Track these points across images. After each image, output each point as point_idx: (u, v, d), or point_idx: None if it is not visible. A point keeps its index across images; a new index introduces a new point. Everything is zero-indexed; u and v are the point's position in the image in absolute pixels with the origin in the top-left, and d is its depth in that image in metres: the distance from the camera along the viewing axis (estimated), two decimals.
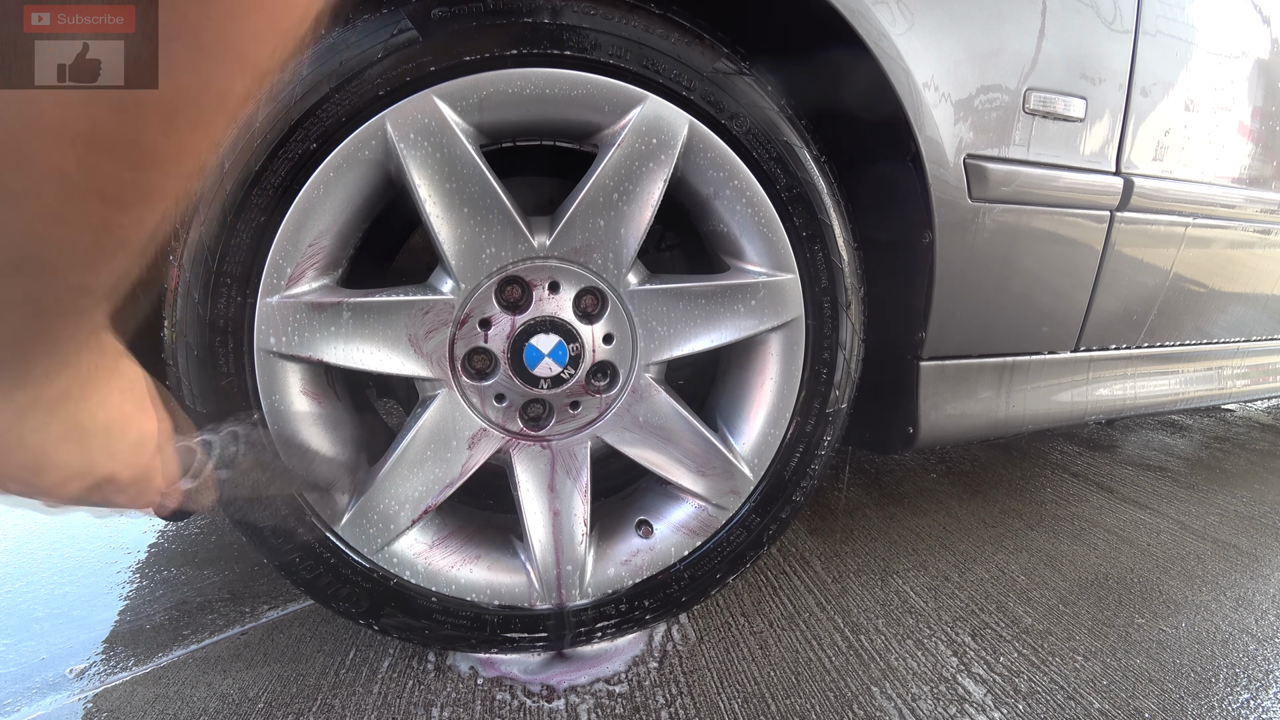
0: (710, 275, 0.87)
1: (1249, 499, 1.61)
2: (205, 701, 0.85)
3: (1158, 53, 1.05)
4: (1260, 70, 1.22)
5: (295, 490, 0.75)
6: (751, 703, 0.86)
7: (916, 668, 0.94)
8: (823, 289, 0.87)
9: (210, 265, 0.71)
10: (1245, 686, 0.93)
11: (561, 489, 0.86)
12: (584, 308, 0.82)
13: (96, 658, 0.94)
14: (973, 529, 1.38)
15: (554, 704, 0.85)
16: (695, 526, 0.92)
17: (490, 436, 0.82)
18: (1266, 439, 2.15)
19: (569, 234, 0.78)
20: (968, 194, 0.92)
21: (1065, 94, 0.96)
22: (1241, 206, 1.28)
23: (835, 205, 0.86)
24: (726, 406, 0.95)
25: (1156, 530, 1.41)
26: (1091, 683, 0.92)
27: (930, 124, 0.87)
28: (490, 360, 0.80)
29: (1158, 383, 1.35)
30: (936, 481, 1.64)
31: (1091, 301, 1.13)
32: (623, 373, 0.84)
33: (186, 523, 1.36)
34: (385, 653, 0.94)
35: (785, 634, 1.00)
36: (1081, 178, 1.02)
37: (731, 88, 0.79)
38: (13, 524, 1.35)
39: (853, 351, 0.91)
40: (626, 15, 0.74)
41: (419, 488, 0.81)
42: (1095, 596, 1.14)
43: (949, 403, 1.06)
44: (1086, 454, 1.88)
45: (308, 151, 0.70)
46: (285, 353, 0.74)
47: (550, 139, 0.84)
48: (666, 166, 0.78)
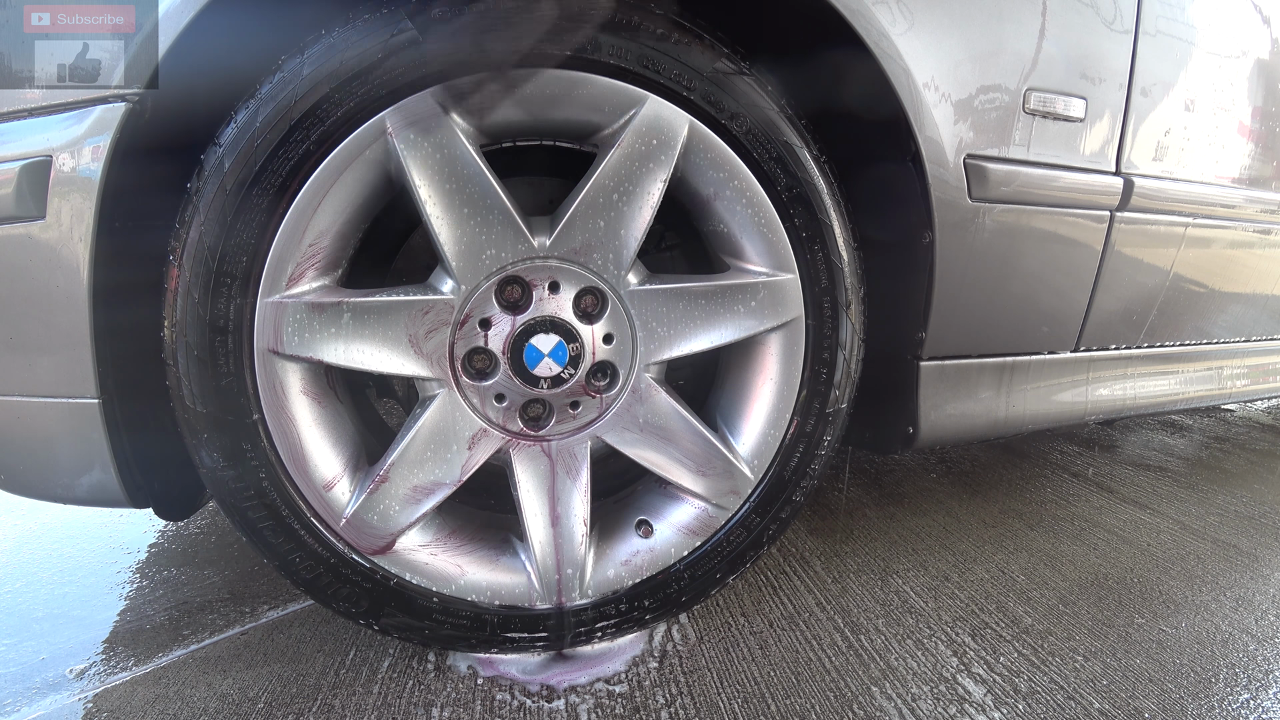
0: (710, 275, 0.87)
1: (1249, 499, 1.61)
2: (205, 701, 0.85)
3: (1158, 53, 1.05)
4: (1260, 70, 1.22)
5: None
6: (751, 703, 0.86)
7: (916, 668, 0.94)
8: (823, 289, 0.87)
9: (210, 265, 0.71)
10: (1245, 686, 0.93)
11: (561, 489, 0.86)
12: (584, 308, 0.82)
13: (96, 658, 0.94)
14: (973, 529, 1.38)
15: (554, 704, 0.85)
16: (695, 526, 0.92)
17: (490, 436, 0.82)
18: (1266, 439, 2.15)
19: (569, 234, 0.78)
20: (968, 194, 0.92)
21: (1065, 94, 0.96)
22: (1241, 206, 1.28)
23: (835, 205, 0.86)
24: (726, 406, 0.95)
25: (1156, 530, 1.41)
26: (1091, 683, 0.92)
27: (930, 124, 0.87)
28: (490, 360, 0.80)
29: (1158, 383, 1.35)
30: (936, 481, 1.64)
31: (1091, 301, 1.13)
32: (623, 373, 0.84)
33: (186, 523, 1.36)
34: (385, 653, 0.94)
35: (785, 634, 1.00)
36: (1081, 178, 1.02)
37: (731, 88, 0.79)
38: (13, 524, 1.35)
39: (853, 351, 0.91)
40: (627, 16, 0.74)
41: (419, 487, 0.81)
42: (1095, 596, 1.14)
43: (949, 403, 1.06)
44: (1086, 454, 1.88)
45: (307, 151, 0.70)
46: (285, 353, 0.74)
47: (550, 139, 0.84)
48: (666, 167, 0.78)
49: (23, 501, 1.25)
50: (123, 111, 0.68)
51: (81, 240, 0.70)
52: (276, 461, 0.78)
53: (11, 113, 0.70)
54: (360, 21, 0.70)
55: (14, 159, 0.70)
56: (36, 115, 0.70)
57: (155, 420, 0.80)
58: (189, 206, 0.71)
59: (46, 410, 0.77)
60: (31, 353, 0.76)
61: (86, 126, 0.69)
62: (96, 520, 1.36)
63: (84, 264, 0.71)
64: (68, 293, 0.72)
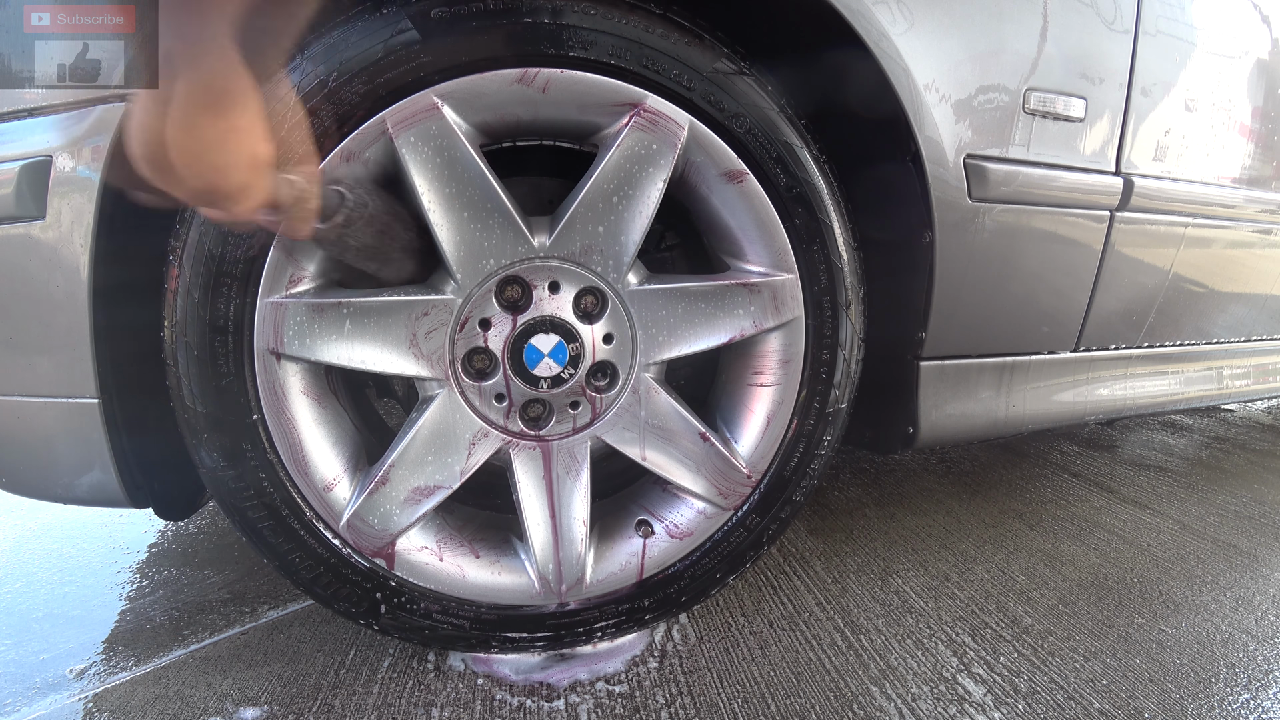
0: (710, 275, 0.87)
1: (1249, 499, 1.61)
2: (205, 701, 0.85)
3: (1158, 53, 1.05)
4: (1260, 70, 1.22)
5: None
6: (751, 703, 0.86)
7: (916, 668, 0.94)
8: (823, 289, 0.87)
9: (210, 265, 0.71)
10: (1245, 686, 0.93)
11: (561, 489, 0.86)
12: (584, 308, 0.82)
13: (96, 658, 0.94)
14: (973, 529, 1.38)
15: (554, 704, 0.85)
16: (695, 526, 0.92)
17: (490, 437, 0.82)
18: (1266, 439, 2.15)
19: (569, 234, 0.78)
20: (968, 194, 0.92)
21: (1065, 94, 0.96)
22: (1241, 206, 1.28)
23: (835, 205, 0.86)
24: (726, 406, 0.95)
25: (1156, 530, 1.41)
26: (1091, 683, 0.92)
27: (930, 124, 0.87)
28: (490, 360, 0.80)
29: (1158, 383, 1.35)
30: (936, 481, 1.64)
31: (1091, 301, 1.13)
32: (623, 372, 0.84)
33: (186, 523, 1.36)
34: (385, 653, 0.94)
35: (785, 634, 1.00)
36: (1081, 178, 1.02)
37: (732, 88, 0.79)
38: (13, 524, 1.36)
39: (853, 351, 0.91)
40: (626, 15, 0.74)
41: (419, 488, 0.81)
42: (1095, 596, 1.14)
43: (949, 403, 1.06)
44: (1086, 454, 1.88)
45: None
46: (286, 353, 0.74)
47: (550, 139, 0.84)
48: (666, 167, 0.78)
49: (23, 501, 1.25)
50: (123, 111, 0.68)
51: (81, 240, 0.70)
52: (276, 462, 0.78)
53: (11, 113, 0.70)
54: (360, 21, 0.70)
55: (14, 159, 0.70)
56: (36, 115, 0.70)
57: (155, 420, 0.80)
58: (189, 207, 0.71)
59: (46, 410, 0.77)
60: (31, 353, 0.76)
61: (86, 126, 0.69)
62: (96, 520, 1.36)
63: (84, 264, 0.71)
64: (68, 293, 0.72)
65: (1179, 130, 1.12)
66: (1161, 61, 1.06)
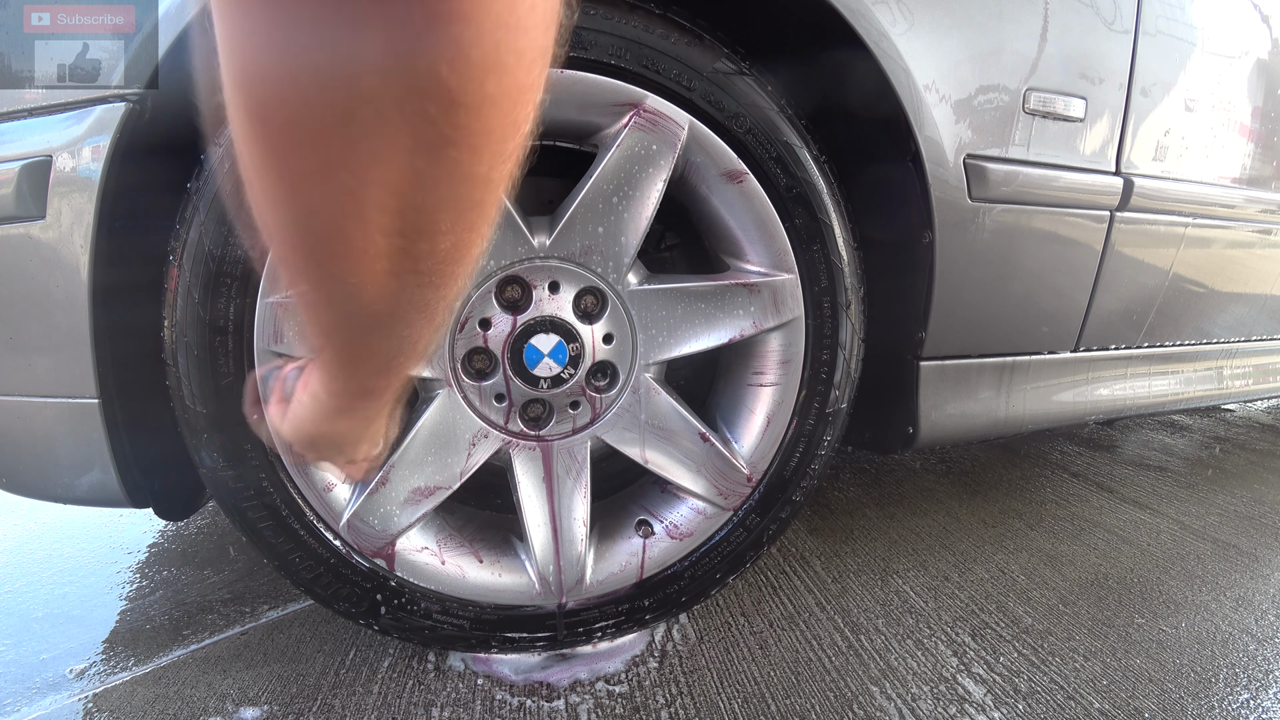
0: (710, 275, 0.87)
1: (1249, 499, 1.61)
2: (205, 701, 0.85)
3: (1158, 53, 1.05)
4: (1260, 70, 1.22)
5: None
6: (751, 703, 0.86)
7: (916, 668, 0.94)
8: (823, 289, 0.87)
9: (210, 265, 0.71)
10: (1245, 686, 0.93)
11: (561, 489, 0.86)
12: (584, 308, 0.82)
13: (96, 658, 0.94)
14: (973, 529, 1.38)
15: (554, 704, 0.85)
16: (695, 526, 0.92)
17: (490, 437, 0.82)
18: (1266, 439, 2.15)
19: (569, 234, 0.78)
20: (967, 194, 0.92)
21: (1065, 94, 0.96)
22: (1241, 206, 1.28)
23: (835, 205, 0.86)
24: (726, 406, 0.95)
25: (1156, 530, 1.41)
26: (1091, 683, 0.92)
27: (930, 124, 0.87)
28: (490, 360, 0.80)
29: (1158, 383, 1.35)
30: (936, 481, 1.64)
31: (1091, 301, 1.13)
32: (622, 372, 0.84)
33: (186, 523, 1.36)
34: (385, 653, 0.94)
35: (785, 634, 1.00)
36: (1081, 178, 1.02)
37: (731, 88, 0.79)
38: (13, 524, 1.35)
39: (853, 351, 0.91)
40: (626, 15, 0.74)
41: (419, 488, 0.81)
42: (1095, 596, 1.14)
43: (949, 403, 1.06)
44: (1086, 454, 1.88)
45: None
46: (285, 353, 0.74)
47: (550, 139, 0.84)
48: (666, 167, 0.78)
49: (23, 501, 1.25)
50: (123, 111, 0.68)
51: (81, 240, 0.70)
52: (277, 462, 0.78)
53: (11, 113, 0.70)
54: None
55: (14, 159, 0.70)
56: (36, 115, 0.70)
57: (155, 420, 0.80)
58: (189, 206, 0.71)
59: (46, 410, 0.77)
60: (31, 353, 0.76)
61: (86, 126, 0.68)
62: (96, 520, 1.36)
63: (84, 264, 0.71)
64: (68, 293, 0.72)
65: (1179, 130, 1.12)
66: (1161, 61, 1.06)
